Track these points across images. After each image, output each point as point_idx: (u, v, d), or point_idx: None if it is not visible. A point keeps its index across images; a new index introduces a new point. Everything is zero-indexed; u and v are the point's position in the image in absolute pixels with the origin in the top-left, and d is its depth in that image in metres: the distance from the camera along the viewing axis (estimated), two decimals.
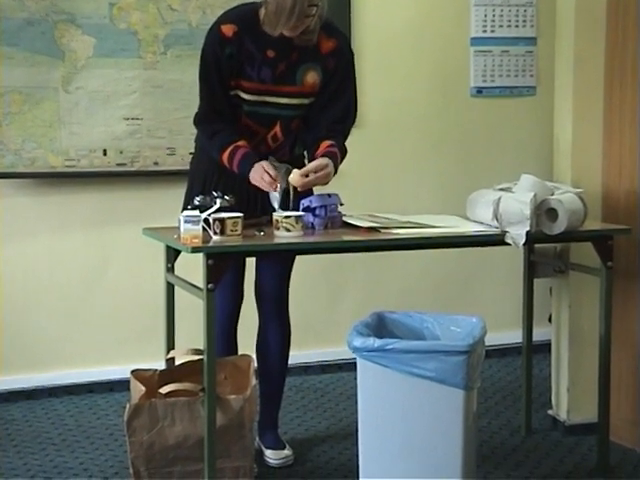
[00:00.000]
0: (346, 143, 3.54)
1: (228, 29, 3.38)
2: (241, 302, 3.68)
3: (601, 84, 3.84)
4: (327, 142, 3.45)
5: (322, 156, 3.40)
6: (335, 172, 3.42)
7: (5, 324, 4.39)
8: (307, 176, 3.34)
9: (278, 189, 3.32)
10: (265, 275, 3.67)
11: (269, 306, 3.69)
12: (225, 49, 3.38)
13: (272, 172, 3.33)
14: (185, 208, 3.35)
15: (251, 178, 3.37)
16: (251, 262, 3.65)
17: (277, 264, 3.65)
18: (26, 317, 4.44)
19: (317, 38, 3.41)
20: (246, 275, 3.67)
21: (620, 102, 3.79)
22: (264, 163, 3.36)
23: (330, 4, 3.50)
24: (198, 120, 3.49)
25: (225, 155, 3.40)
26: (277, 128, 3.50)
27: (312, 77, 3.46)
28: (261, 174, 3.34)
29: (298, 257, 3.64)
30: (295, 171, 3.34)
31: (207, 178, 3.52)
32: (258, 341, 3.74)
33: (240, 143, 3.40)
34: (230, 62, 3.39)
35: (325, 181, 3.40)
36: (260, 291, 3.69)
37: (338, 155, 3.45)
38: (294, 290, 3.73)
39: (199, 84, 3.47)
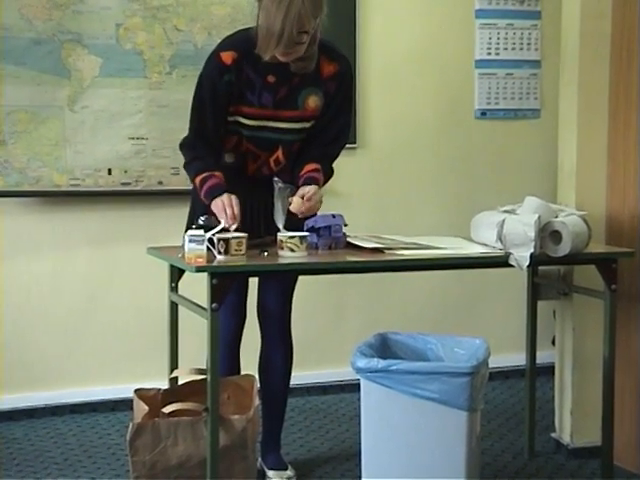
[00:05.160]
0: (350, 164, 3.54)
1: (227, 56, 3.38)
2: (244, 322, 3.67)
3: (605, 107, 3.85)
4: (312, 165, 3.47)
5: (305, 181, 3.42)
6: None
7: (8, 342, 4.38)
8: (309, 200, 3.36)
9: (232, 228, 3.26)
10: (268, 295, 3.67)
11: (272, 326, 3.69)
12: (224, 76, 3.37)
13: (237, 210, 3.30)
14: (189, 228, 3.34)
15: (213, 203, 3.33)
16: (254, 282, 3.65)
17: (279, 284, 3.65)
18: (29, 335, 4.44)
19: (319, 62, 3.41)
20: (249, 295, 3.67)
21: (624, 125, 3.80)
22: (233, 197, 3.32)
23: (335, 26, 3.50)
24: (182, 145, 3.49)
25: (199, 178, 3.39)
26: (279, 152, 3.50)
27: (314, 101, 3.46)
28: (227, 205, 3.30)
29: (301, 277, 3.64)
30: (297, 199, 3.35)
31: None
32: (261, 361, 3.73)
33: (217, 173, 3.39)
34: (229, 89, 3.38)
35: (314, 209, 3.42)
36: (263, 311, 3.69)
37: (320, 180, 3.46)
38: (297, 310, 3.72)
39: (190, 111, 3.45)
